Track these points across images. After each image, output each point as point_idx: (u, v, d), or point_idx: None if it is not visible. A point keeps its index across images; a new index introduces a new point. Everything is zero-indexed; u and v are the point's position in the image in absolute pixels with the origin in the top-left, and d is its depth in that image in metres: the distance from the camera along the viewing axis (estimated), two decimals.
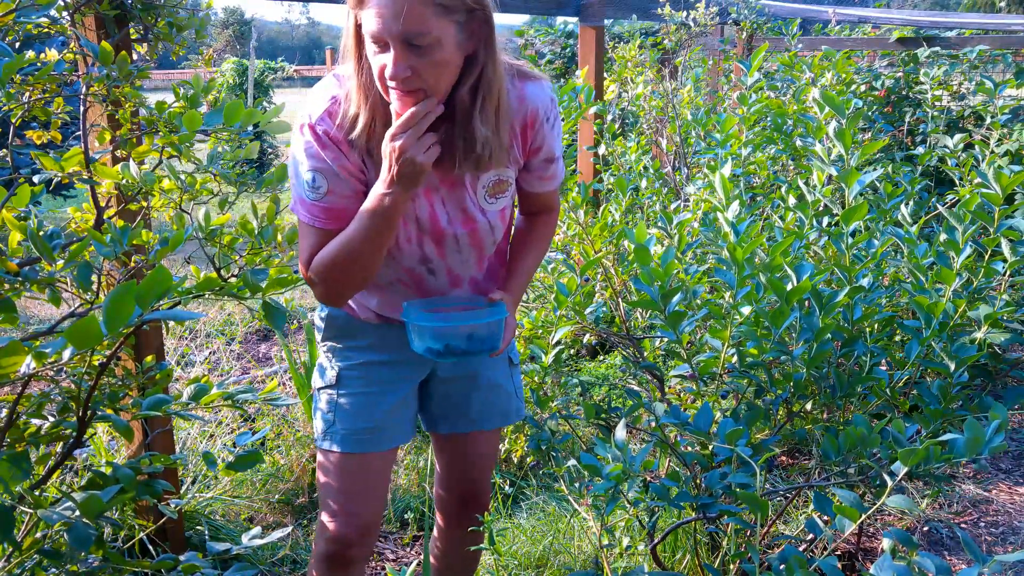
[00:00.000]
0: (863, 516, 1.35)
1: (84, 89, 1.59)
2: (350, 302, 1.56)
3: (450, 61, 1.28)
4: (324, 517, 1.59)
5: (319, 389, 1.61)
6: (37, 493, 1.24)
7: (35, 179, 1.50)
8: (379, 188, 1.33)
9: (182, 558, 1.37)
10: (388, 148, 1.29)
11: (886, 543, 1.27)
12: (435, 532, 1.85)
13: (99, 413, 1.34)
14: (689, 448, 1.86)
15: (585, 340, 3.66)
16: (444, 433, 1.71)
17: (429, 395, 1.68)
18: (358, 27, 1.30)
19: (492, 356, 1.53)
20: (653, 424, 1.75)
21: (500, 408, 1.70)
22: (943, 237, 2.01)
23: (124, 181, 1.51)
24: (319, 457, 1.61)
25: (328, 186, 1.36)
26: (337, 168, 1.36)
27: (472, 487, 1.75)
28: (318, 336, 1.63)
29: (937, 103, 4.49)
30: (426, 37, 1.23)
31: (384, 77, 1.27)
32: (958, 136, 3.31)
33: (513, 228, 1.67)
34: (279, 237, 1.50)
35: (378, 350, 1.58)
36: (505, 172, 1.47)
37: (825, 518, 1.70)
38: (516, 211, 1.68)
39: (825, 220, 2.44)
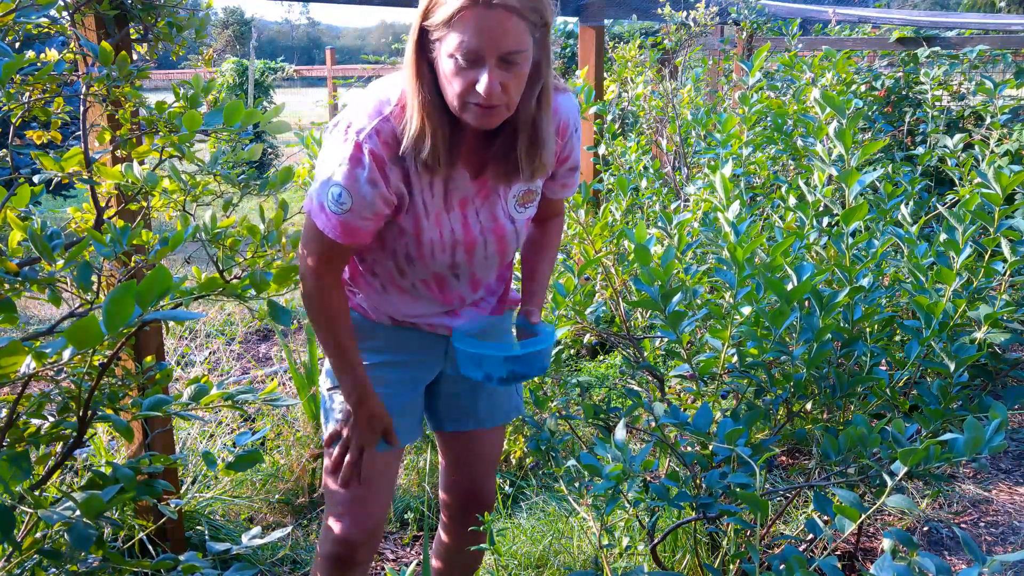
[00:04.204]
0: (863, 516, 1.35)
1: (84, 89, 1.59)
2: (362, 304, 1.58)
3: (527, 74, 1.29)
4: (331, 519, 1.58)
5: (330, 390, 1.60)
6: (37, 493, 1.24)
7: (35, 179, 1.50)
8: (348, 404, 1.52)
9: (182, 558, 1.36)
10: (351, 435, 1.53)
11: (886, 543, 1.26)
12: (439, 534, 1.85)
13: (99, 413, 1.34)
14: (689, 448, 1.85)
15: (585, 340, 3.66)
16: (450, 431, 1.73)
17: (436, 395, 1.69)
18: (421, 40, 1.28)
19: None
20: (653, 424, 1.75)
21: (503, 406, 1.74)
22: (943, 237, 2.01)
23: (127, 181, 1.51)
24: (327, 459, 1.60)
25: (352, 204, 1.35)
26: (370, 192, 1.34)
27: (477, 487, 1.76)
28: None
29: (937, 103, 4.49)
30: (521, 54, 1.24)
31: (467, 94, 1.26)
32: (958, 136, 3.31)
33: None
34: (283, 240, 1.51)
35: (393, 351, 1.59)
36: (535, 183, 1.50)
37: (825, 518, 1.70)
38: None
39: (825, 220, 2.44)
